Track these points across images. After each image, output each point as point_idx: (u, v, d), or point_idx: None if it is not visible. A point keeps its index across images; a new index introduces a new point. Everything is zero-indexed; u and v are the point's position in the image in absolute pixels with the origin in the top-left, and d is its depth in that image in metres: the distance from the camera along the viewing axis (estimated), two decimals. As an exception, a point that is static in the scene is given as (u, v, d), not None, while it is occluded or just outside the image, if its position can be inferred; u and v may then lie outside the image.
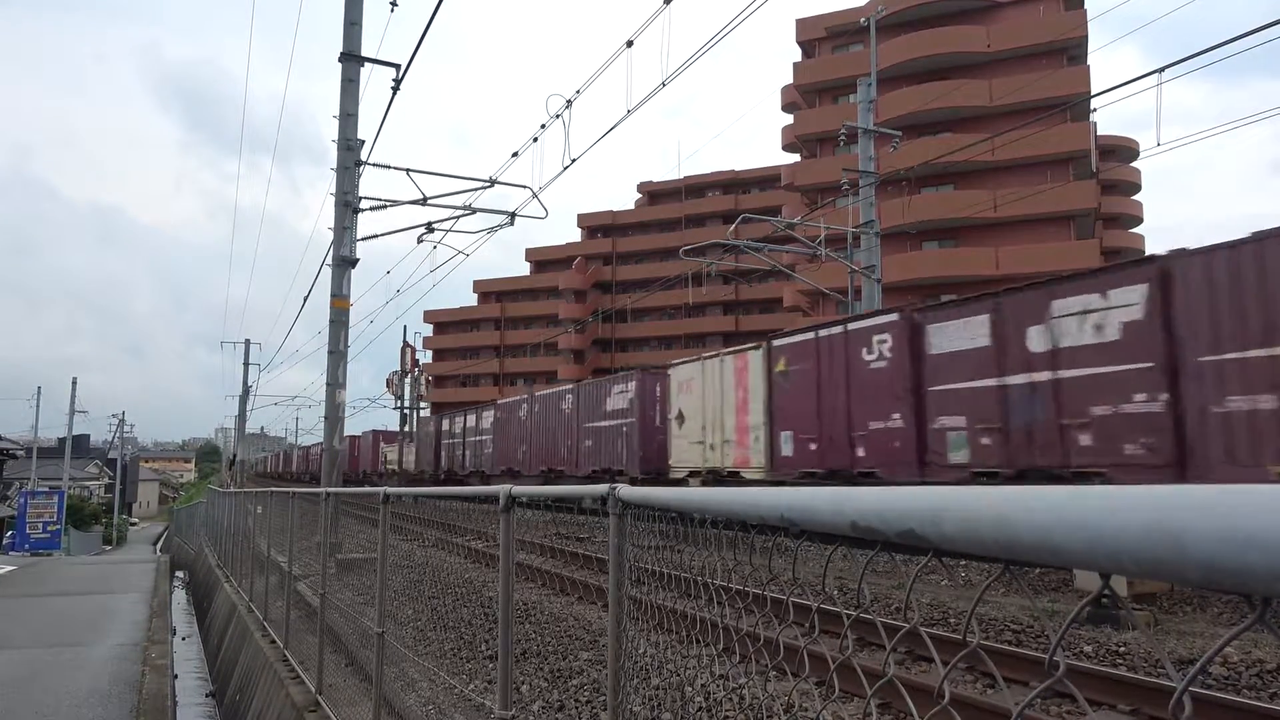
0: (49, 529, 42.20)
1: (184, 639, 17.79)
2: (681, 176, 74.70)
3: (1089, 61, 41.01)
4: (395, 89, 14.45)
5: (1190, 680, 0.68)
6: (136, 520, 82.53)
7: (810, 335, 16.43)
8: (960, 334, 13.30)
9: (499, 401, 30.76)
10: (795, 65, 48.03)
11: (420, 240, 17.48)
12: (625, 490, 2.34)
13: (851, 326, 15.37)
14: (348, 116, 15.21)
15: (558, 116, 14.37)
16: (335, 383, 15.43)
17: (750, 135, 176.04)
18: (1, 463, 46.87)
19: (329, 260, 15.66)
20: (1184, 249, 10.65)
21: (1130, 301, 11.01)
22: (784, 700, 2.18)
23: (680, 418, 19.90)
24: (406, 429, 45.42)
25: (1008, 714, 5.59)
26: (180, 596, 25.61)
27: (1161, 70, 12.73)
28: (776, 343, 17.40)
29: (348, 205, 15.27)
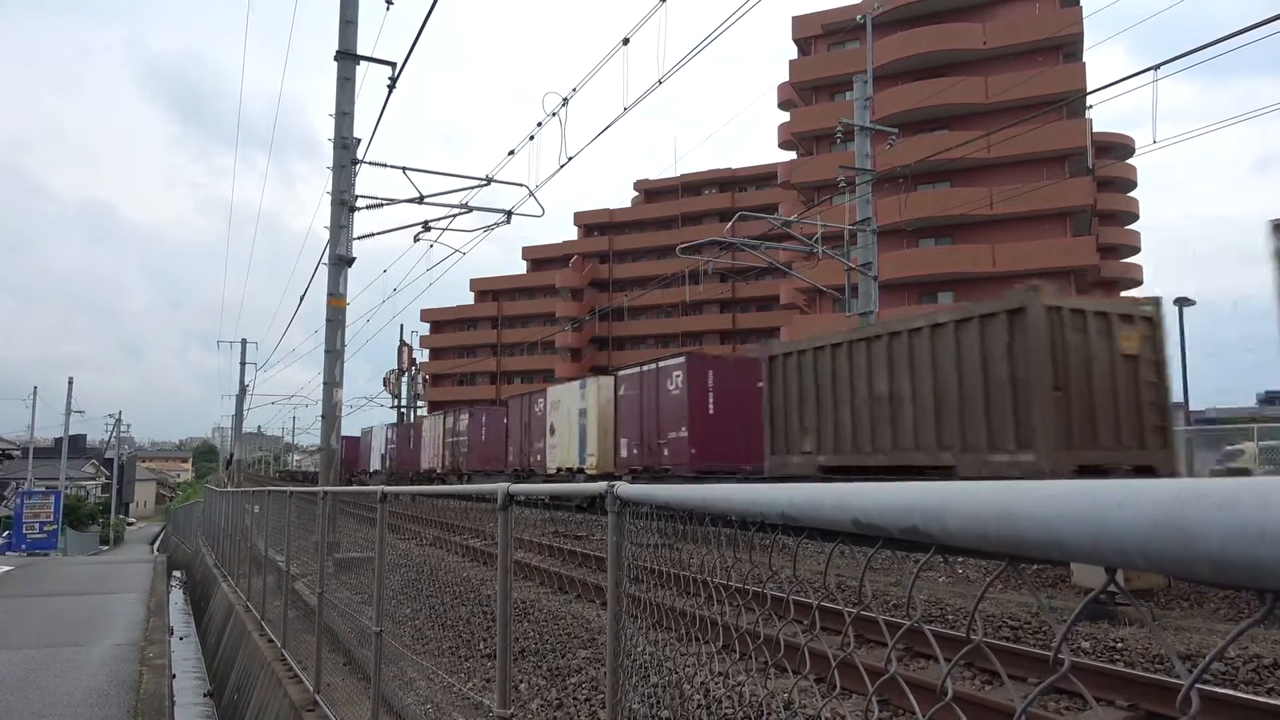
0: (46, 529, 42.09)
1: (181, 639, 17.76)
2: (678, 175, 74.73)
3: (1084, 58, 41.05)
4: (391, 87, 14.41)
5: (1198, 676, 0.67)
6: (133, 520, 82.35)
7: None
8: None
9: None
10: (791, 63, 48.01)
11: (417, 239, 17.46)
12: (624, 488, 2.33)
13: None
14: (343, 115, 15.18)
15: (554, 114, 14.35)
16: (332, 381, 15.41)
17: (740, 135, 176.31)
18: (-3, 463, 46.75)
19: (325, 259, 15.63)
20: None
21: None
22: (783, 697, 2.18)
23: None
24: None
25: (1007, 710, 5.60)
26: (178, 596, 25.56)
27: (1157, 68, 12.74)
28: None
29: (344, 204, 15.24)
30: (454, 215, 17.11)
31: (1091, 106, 26.20)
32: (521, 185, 16.25)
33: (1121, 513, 0.63)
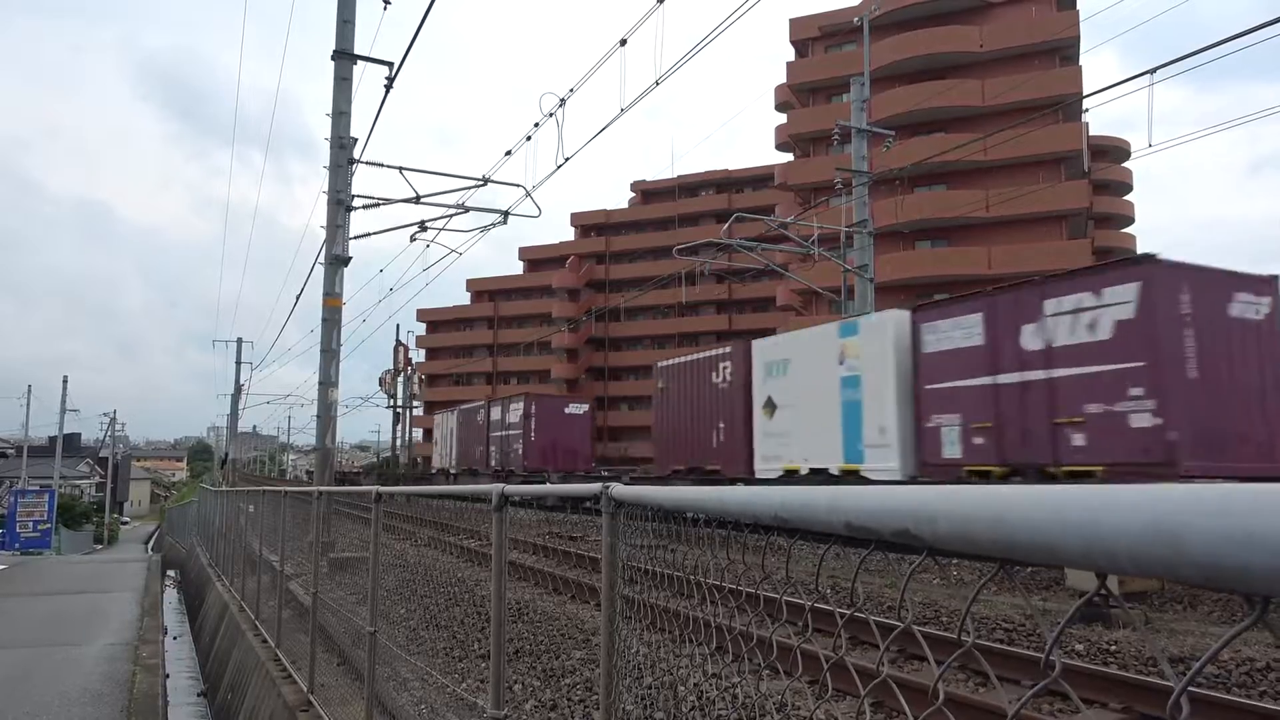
0: (39, 528, 41.93)
1: (175, 638, 17.72)
2: (675, 176, 74.69)
3: (1081, 62, 41.13)
4: (388, 87, 14.40)
5: (1189, 681, 0.67)
6: (128, 519, 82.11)
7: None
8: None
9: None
10: (788, 64, 48.05)
11: (413, 239, 17.44)
12: (618, 489, 2.33)
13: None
14: (340, 114, 15.15)
15: (551, 115, 14.34)
16: (328, 381, 15.37)
17: (736, 137, 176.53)
18: (-9, 461, 46.60)
19: (321, 258, 15.60)
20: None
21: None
22: (777, 699, 2.18)
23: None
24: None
25: (1001, 713, 5.61)
26: (172, 596, 25.51)
27: (1153, 71, 12.77)
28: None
29: (340, 203, 15.21)
30: (450, 215, 17.10)
31: (1087, 110, 26.25)
32: (518, 186, 16.25)
33: (1112, 517, 0.63)
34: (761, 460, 18.94)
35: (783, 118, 49.28)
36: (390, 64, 14.65)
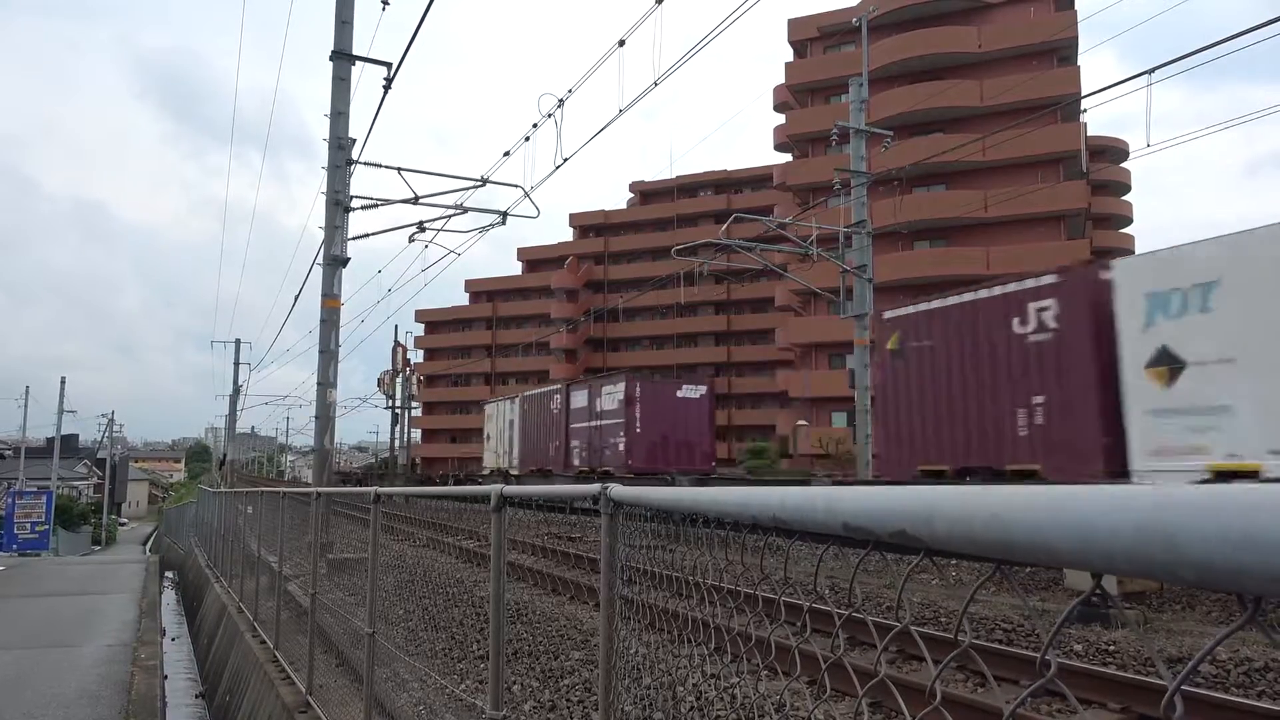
0: (37, 529, 41.91)
1: (173, 640, 17.70)
2: (673, 176, 74.73)
3: (1079, 62, 41.19)
4: (387, 88, 14.40)
5: (1181, 680, 0.68)
6: (126, 520, 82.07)
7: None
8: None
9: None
10: (787, 65, 48.11)
11: (411, 239, 17.45)
12: (617, 490, 2.34)
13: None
14: (339, 115, 15.15)
15: (549, 116, 14.35)
16: (326, 382, 15.37)
17: (735, 137, 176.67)
18: (-11, 463, 46.57)
19: (320, 259, 15.60)
20: None
21: None
22: (775, 700, 2.18)
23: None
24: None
25: (999, 713, 5.61)
26: (170, 597, 25.49)
27: (1152, 72, 12.80)
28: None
29: (339, 204, 15.21)
30: (449, 216, 17.10)
31: (1086, 110, 26.29)
32: (517, 186, 16.25)
33: (1108, 518, 0.63)
34: (1149, 455, 11.64)
35: (781, 118, 49.35)
36: (388, 64, 14.65)
